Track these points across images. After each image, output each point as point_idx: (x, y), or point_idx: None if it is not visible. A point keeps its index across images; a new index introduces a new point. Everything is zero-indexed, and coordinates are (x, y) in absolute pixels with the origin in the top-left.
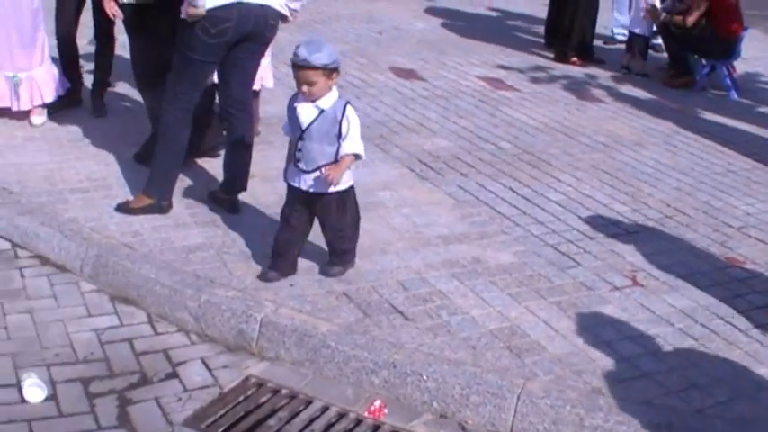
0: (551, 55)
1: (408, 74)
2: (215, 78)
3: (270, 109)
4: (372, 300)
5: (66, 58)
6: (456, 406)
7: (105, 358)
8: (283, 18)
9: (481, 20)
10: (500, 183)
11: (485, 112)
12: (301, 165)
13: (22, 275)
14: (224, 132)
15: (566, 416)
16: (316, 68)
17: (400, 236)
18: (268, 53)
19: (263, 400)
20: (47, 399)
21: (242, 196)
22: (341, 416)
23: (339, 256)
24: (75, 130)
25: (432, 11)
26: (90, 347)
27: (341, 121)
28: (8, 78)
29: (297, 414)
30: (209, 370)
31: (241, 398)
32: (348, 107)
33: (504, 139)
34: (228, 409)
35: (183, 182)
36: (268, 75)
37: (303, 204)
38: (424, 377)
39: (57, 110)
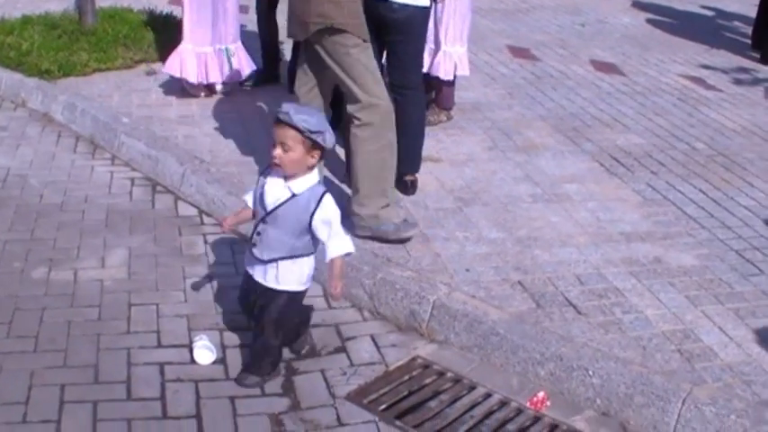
0: (758, 56)
1: (608, 68)
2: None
3: (465, 95)
4: (547, 291)
5: (267, 34)
6: (619, 405)
7: None
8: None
9: (689, 17)
10: (690, 183)
11: (682, 111)
12: (256, 251)
13: (206, 241)
14: None
15: (730, 425)
16: (296, 130)
17: (583, 230)
18: (465, 41)
19: (427, 381)
20: (215, 362)
21: (428, 179)
22: (503, 404)
23: (261, 357)
24: (270, 103)
25: (639, 5)
26: None
27: (313, 212)
28: (219, 51)
29: (459, 398)
30: (378, 347)
31: (406, 377)
32: (326, 198)
33: (699, 140)
34: (392, 388)
35: None
36: (464, 63)
37: (249, 293)
38: (590, 373)
39: (256, 84)
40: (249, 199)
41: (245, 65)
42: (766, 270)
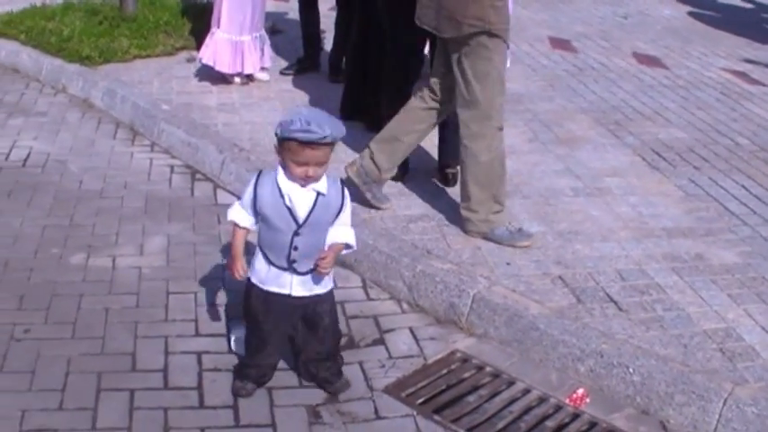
0: None
1: (650, 61)
2: None
3: (507, 87)
4: (588, 286)
5: (308, 23)
6: (659, 403)
7: None
8: None
9: (732, 10)
10: (733, 179)
11: (725, 105)
12: (297, 266)
13: None
14: None
15: None
16: (331, 145)
17: (624, 224)
18: None
19: (465, 375)
20: None
21: None
22: (542, 400)
23: (335, 363)
24: (310, 92)
25: None
26: None
27: (342, 203)
28: (255, 39)
29: (498, 393)
30: (416, 340)
31: (444, 371)
32: (344, 186)
33: (742, 135)
34: (430, 381)
35: (414, 152)
36: None
37: (290, 314)
38: (631, 370)
39: (296, 72)
40: (244, 218)
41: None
42: None
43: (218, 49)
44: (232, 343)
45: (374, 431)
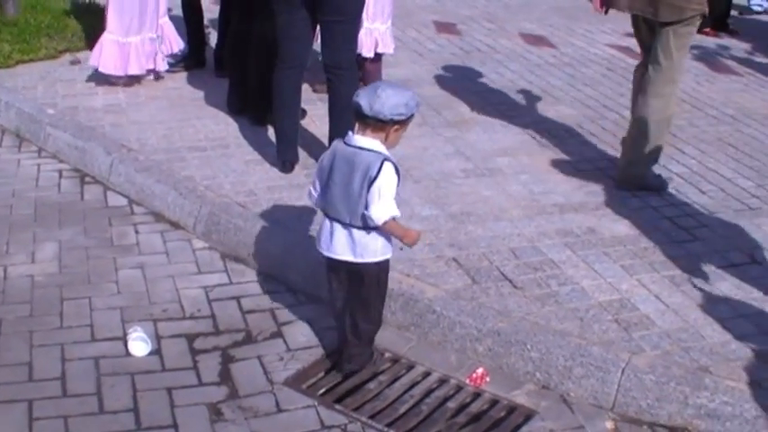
0: None
1: (536, 40)
2: None
3: (393, 72)
4: (482, 266)
5: (192, 19)
6: (559, 377)
7: (212, 315)
8: None
9: None
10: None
11: (612, 80)
12: None
13: (137, 231)
14: None
15: (670, 393)
16: None
17: (516, 203)
18: (387, 18)
19: None
20: (151, 353)
21: None
22: (442, 382)
23: None
24: (197, 89)
25: None
26: (198, 304)
27: None
28: (153, 40)
29: (398, 378)
30: (314, 331)
31: None
32: None
33: (628, 109)
34: (330, 371)
35: (300, 141)
36: (386, 40)
37: None
38: (529, 347)
39: (182, 69)
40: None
41: (173, 43)
42: (700, 236)
43: (103, 51)
44: (129, 346)
45: (277, 424)
